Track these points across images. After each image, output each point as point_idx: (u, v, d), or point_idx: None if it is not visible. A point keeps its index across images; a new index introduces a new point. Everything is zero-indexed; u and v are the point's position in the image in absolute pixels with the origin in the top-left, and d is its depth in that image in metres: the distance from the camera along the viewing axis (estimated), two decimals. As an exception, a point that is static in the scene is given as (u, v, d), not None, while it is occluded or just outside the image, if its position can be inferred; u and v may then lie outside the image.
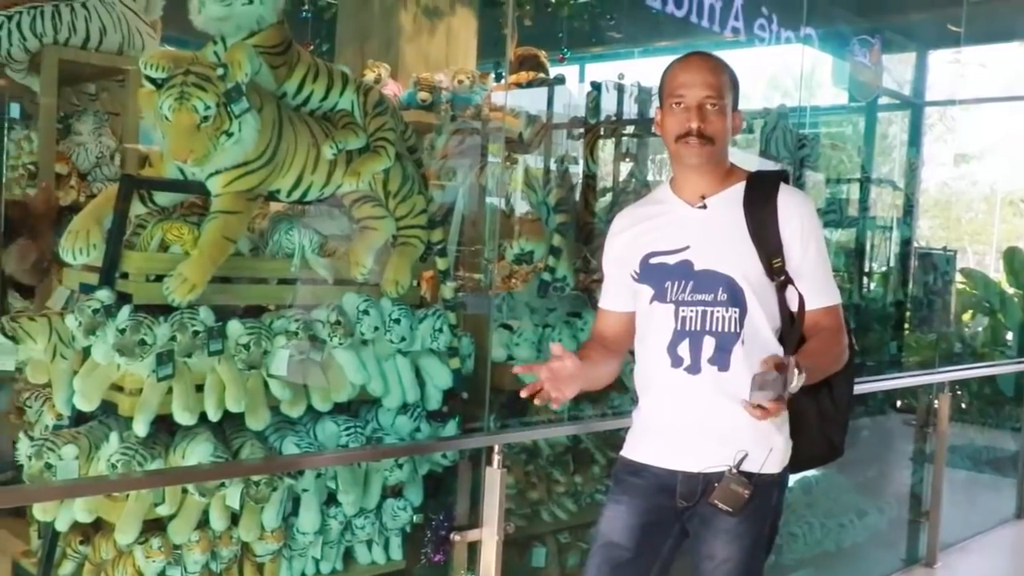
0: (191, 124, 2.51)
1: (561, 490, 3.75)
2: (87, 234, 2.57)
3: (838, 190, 5.80)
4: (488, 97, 5.06)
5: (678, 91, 2.29)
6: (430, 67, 5.43)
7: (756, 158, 4.92)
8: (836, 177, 5.89)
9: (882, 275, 6.11)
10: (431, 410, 3.14)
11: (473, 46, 5.79)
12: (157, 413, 2.55)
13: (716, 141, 2.29)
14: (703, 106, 2.27)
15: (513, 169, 4.07)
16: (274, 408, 2.77)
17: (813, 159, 5.03)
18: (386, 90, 5.10)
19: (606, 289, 2.53)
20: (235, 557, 2.78)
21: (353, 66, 5.15)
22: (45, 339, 2.59)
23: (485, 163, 3.76)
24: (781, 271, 2.31)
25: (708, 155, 2.30)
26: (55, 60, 3.84)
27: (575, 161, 4.09)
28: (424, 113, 4.94)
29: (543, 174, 4.06)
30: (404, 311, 2.97)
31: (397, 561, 3.16)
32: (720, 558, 2.33)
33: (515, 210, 3.75)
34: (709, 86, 2.28)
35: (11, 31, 3.81)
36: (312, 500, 2.86)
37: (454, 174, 3.78)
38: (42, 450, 2.51)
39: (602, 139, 4.26)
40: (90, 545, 2.74)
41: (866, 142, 7.00)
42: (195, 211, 2.80)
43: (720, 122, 2.29)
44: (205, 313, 2.60)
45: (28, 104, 4.24)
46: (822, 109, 7.75)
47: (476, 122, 4.31)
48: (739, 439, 2.29)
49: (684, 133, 2.27)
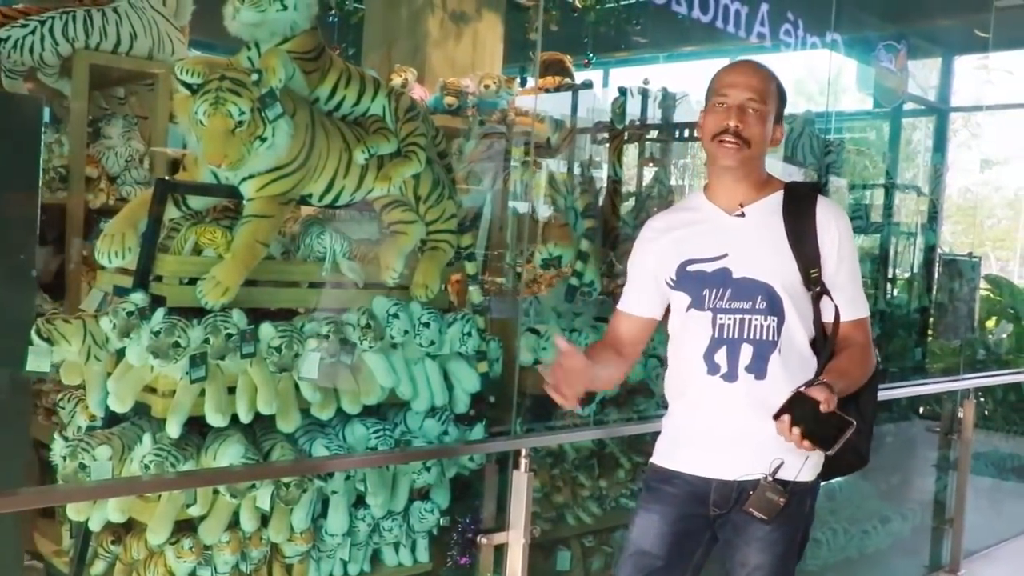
0: (226, 129, 2.54)
1: (586, 494, 3.75)
2: (122, 237, 2.59)
3: (863, 196, 5.78)
4: (514, 102, 5.09)
5: (722, 90, 2.29)
6: (456, 72, 5.46)
7: (780, 163, 4.92)
8: (861, 183, 5.88)
9: (906, 281, 6.09)
10: (459, 413, 3.15)
11: (499, 51, 5.81)
12: (189, 415, 2.58)
13: (752, 144, 2.28)
14: (744, 107, 2.27)
15: (540, 174, 4.09)
16: (304, 410, 2.78)
17: (839, 165, 5.02)
18: (413, 95, 5.13)
19: (628, 292, 2.53)
20: (265, 558, 2.80)
21: (380, 70, 5.18)
22: (79, 341, 2.61)
23: (513, 168, 3.78)
24: (818, 281, 2.31)
25: (743, 159, 2.29)
26: (86, 64, 3.89)
27: (601, 166, 4.11)
28: (450, 118, 4.97)
29: (570, 179, 4.07)
30: (433, 315, 2.99)
31: (424, 563, 3.17)
32: (753, 565, 2.34)
33: (542, 215, 3.76)
34: (752, 89, 2.28)
35: (44, 36, 3.86)
36: (341, 502, 2.87)
37: (482, 179, 3.80)
38: (76, 451, 2.54)
39: (628, 144, 4.27)
40: (122, 545, 2.77)
41: (891, 148, 6.99)
42: (228, 215, 2.83)
43: (759, 126, 2.29)
44: (238, 316, 2.62)
45: (59, 108, 4.29)
46: (847, 114, 7.73)
47: (503, 127, 4.33)
48: (775, 447, 2.29)
49: (721, 131, 2.27)
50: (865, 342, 2.36)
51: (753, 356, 2.29)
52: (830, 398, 2.07)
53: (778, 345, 2.29)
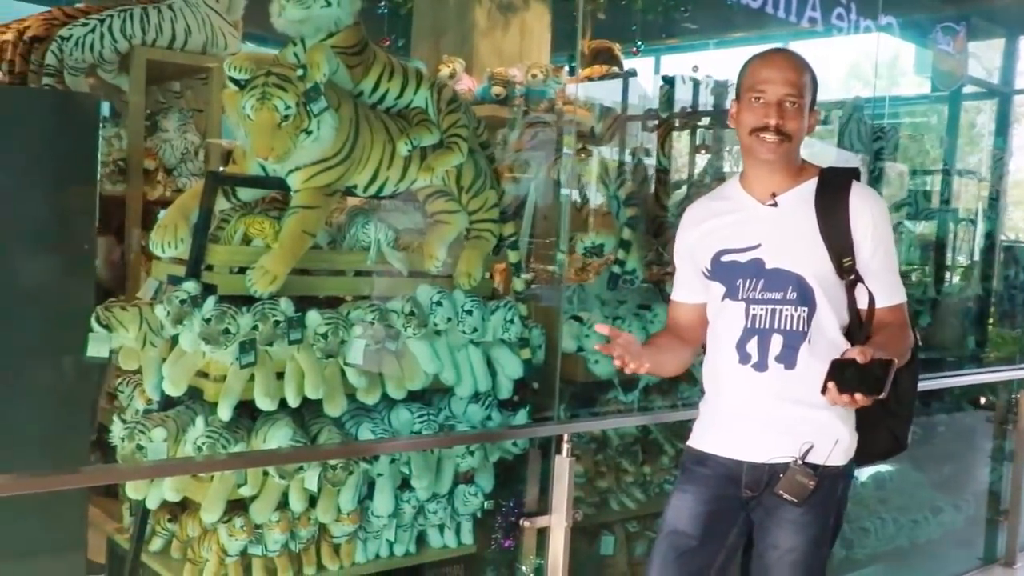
0: (272, 123, 2.62)
1: (630, 480, 3.79)
2: (175, 228, 2.69)
3: (916, 182, 5.71)
4: (562, 91, 5.12)
5: (759, 86, 2.29)
6: (504, 62, 5.49)
7: (834, 149, 4.89)
8: (914, 168, 5.80)
9: (965, 268, 6.00)
10: (502, 399, 3.21)
11: (547, 40, 5.83)
12: (240, 399, 2.66)
13: (792, 139, 2.30)
14: (783, 103, 2.27)
15: (584, 163, 4.12)
16: (351, 396, 2.86)
17: (889, 151, 4.96)
18: (461, 85, 5.19)
19: (677, 281, 2.57)
20: (313, 538, 2.89)
21: (428, 61, 5.25)
22: (136, 328, 2.72)
23: (557, 157, 3.82)
24: (851, 270, 2.31)
25: (783, 152, 2.30)
26: (143, 60, 4.02)
27: (647, 154, 4.13)
28: (498, 108, 5.00)
29: (615, 167, 4.10)
30: (476, 303, 3.05)
31: (468, 545, 3.24)
32: (785, 548, 2.36)
33: (586, 204, 3.79)
34: (791, 84, 2.28)
35: (103, 34, 4.00)
36: (386, 484, 2.95)
37: (527, 168, 3.84)
38: (134, 432, 2.65)
39: (676, 131, 4.28)
40: (178, 523, 2.88)
41: (949, 132, 6.86)
42: (276, 206, 2.91)
43: (798, 120, 2.30)
44: (285, 304, 2.70)
45: (118, 103, 4.43)
46: (903, 99, 7.61)
47: (549, 116, 4.37)
48: (804, 432, 2.32)
49: (761, 127, 2.28)
50: (901, 324, 2.36)
51: (783, 346, 2.32)
52: (864, 351, 2.06)
53: (808, 336, 2.31)
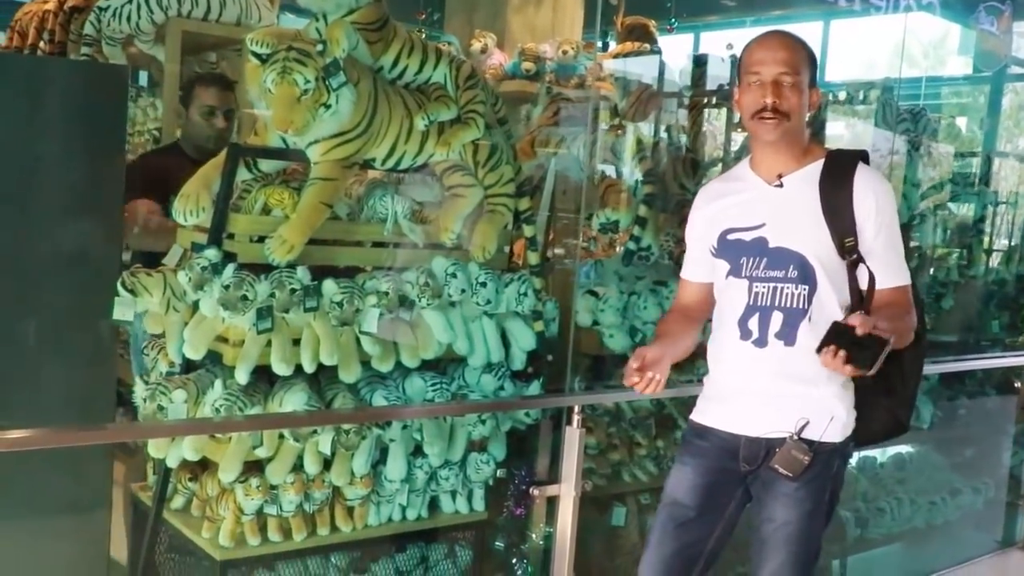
0: (292, 97, 2.69)
1: (643, 453, 3.86)
2: (197, 198, 2.78)
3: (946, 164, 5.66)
4: (595, 67, 5.15)
5: (754, 68, 2.34)
6: (536, 37, 5.54)
7: (872, 128, 4.87)
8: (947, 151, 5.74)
9: (1002, 252, 5.96)
10: (515, 370, 3.27)
11: (579, 16, 5.86)
12: (257, 363, 2.74)
13: (791, 117, 2.34)
14: (779, 82, 2.31)
15: (620, 138, 4.15)
16: (365, 363, 2.93)
17: (918, 132, 4.94)
18: (492, 60, 5.25)
19: (687, 260, 2.64)
20: (327, 500, 2.97)
21: (461, 36, 5.31)
22: (160, 293, 2.80)
23: (579, 133, 3.87)
24: (853, 250, 2.35)
25: (783, 131, 2.35)
26: (179, 31, 4.10)
27: (670, 133, 4.16)
28: (527, 83, 5.07)
29: (635, 145, 4.14)
30: (490, 275, 3.11)
31: (480, 512, 3.31)
32: (780, 521, 2.42)
33: (604, 180, 3.84)
34: (784, 62, 2.32)
35: (140, 5, 4.08)
36: (399, 450, 3.03)
37: (548, 144, 3.90)
38: (155, 393, 2.76)
39: (707, 109, 4.30)
40: (197, 482, 2.99)
41: (990, 114, 6.80)
42: (296, 177, 2.99)
43: (795, 98, 2.34)
44: (302, 272, 2.79)
45: (156, 72, 4.53)
46: (943, 79, 7.52)
47: (573, 92, 4.41)
48: (801, 408, 2.38)
49: (759, 109, 2.33)
50: (904, 304, 2.39)
51: (783, 323, 2.37)
52: (865, 321, 2.11)
53: (808, 313, 2.36)
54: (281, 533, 2.91)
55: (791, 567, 2.42)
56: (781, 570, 2.42)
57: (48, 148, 2.74)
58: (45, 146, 2.73)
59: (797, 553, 2.42)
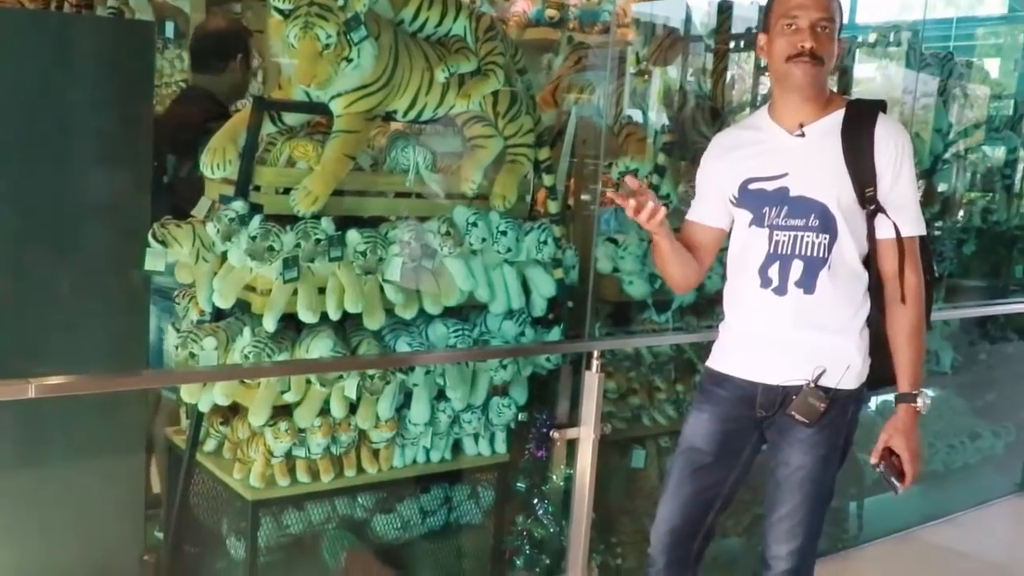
0: (314, 51, 2.74)
1: (662, 397, 3.93)
2: (223, 151, 2.85)
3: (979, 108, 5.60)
4: (619, 12, 5.13)
5: (792, 12, 2.37)
6: (561, -17, 5.50)
7: (903, 70, 4.84)
8: (983, 93, 5.69)
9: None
10: (537, 317, 3.33)
11: (603, -40, 5.80)
12: (284, 311, 2.83)
13: (825, 62, 2.38)
14: (816, 27, 2.36)
15: (632, 84, 4.17)
16: (389, 310, 3.01)
17: (943, 77, 4.89)
18: (516, 7, 5.23)
19: (696, 203, 2.68)
20: (353, 443, 3.07)
21: (484, -17, 5.28)
22: (189, 244, 2.89)
23: (601, 81, 3.88)
24: (873, 199, 2.40)
25: (815, 75, 2.38)
26: (203, -18, 4.14)
27: (692, 80, 4.17)
28: (552, 31, 5.04)
29: (662, 91, 4.15)
30: (511, 224, 3.17)
31: (502, 454, 3.41)
32: (795, 465, 2.50)
33: (624, 128, 3.86)
34: (823, 8, 2.37)
35: (165, -44, 4.12)
36: (422, 394, 3.13)
37: (571, 91, 3.92)
38: (187, 341, 2.86)
39: (734, 54, 4.30)
40: (228, 426, 3.10)
41: (1024, 56, 6.69)
42: (319, 130, 3.05)
43: (830, 45, 2.39)
44: (326, 223, 2.85)
45: (181, 23, 4.58)
46: (978, 19, 7.39)
47: (595, 37, 4.40)
48: (818, 356, 2.45)
49: (797, 53, 2.36)
50: (912, 267, 2.44)
51: (803, 272, 2.43)
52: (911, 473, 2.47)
53: (828, 262, 2.41)
54: (309, 474, 3.02)
55: (805, 509, 2.50)
56: (795, 512, 2.50)
57: (79, 104, 2.80)
58: (76, 102, 2.80)
59: (811, 495, 2.50)
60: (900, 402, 2.45)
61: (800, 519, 2.49)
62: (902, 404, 2.45)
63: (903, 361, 2.45)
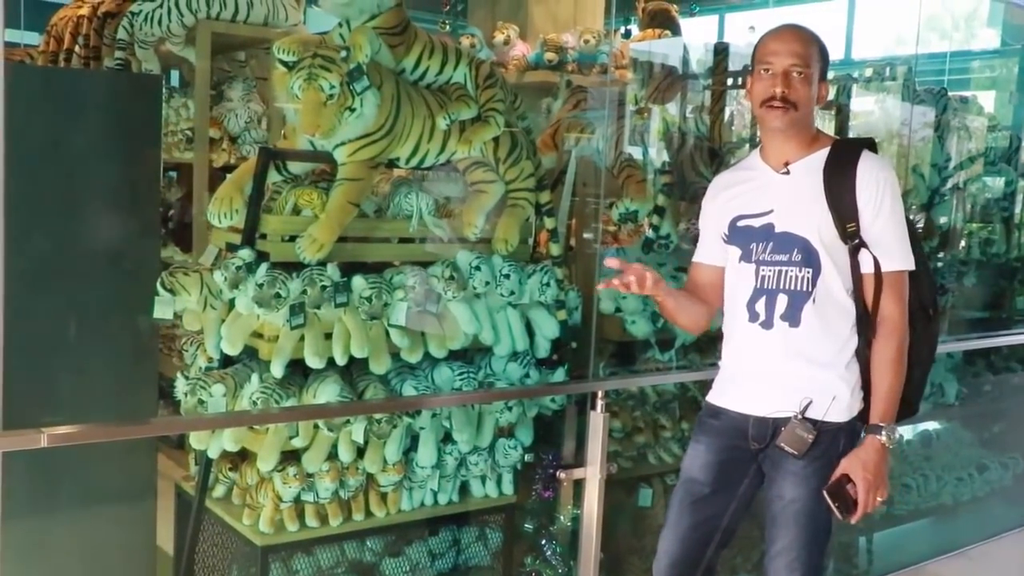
0: (318, 102, 2.80)
1: (668, 435, 3.94)
2: (230, 200, 2.90)
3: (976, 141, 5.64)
4: (617, 54, 5.21)
5: (767, 58, 2.45)
6: (558, 27, 5.61)
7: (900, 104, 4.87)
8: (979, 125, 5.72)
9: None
10: (540, 358, 3.36)
11: (600, 4, 5.91)
12: (291, 357, 2.86)
13: (799, 107, 2.44)
14: (789, 73, 2.42)
15: (646, 122, 4.21)
16: (395, 354, 3.04)
17: (938, 112, 4.94)
18: (515, 51, 5.33)
19: (700, 244, 2.74)
20: (361, 486, 3.09)
21: (484, 27, 5.39)
22: (197, 292, 2.93)
23: (600, 122, 3.94)
24: (855, 235, 2.45)
25: (791, 120, 2.44)
26: (208, 33, 4.23)
27: (690, 120, 4.22)
28: (551, 73, 5.15)
29: (661, 129, 4.20)
30: (513, 267, 3.21)
31: (509, 495, 3.41)
32: (788, 498, 2.52)
33: (623, 169, 3.90)
34: (796, 55, 2.43)
35: (171, 9, 4.22)
36: (429, 437, 3.14)
37: (569, 135, 3.98)
38: (195, 388, 2.88)
39: (730, 91, 4.35)
40: (237, 472, 3.12)
41: (1020, 88, 6.76)
42: (324, 178, 3.10)
43: (804, 90, 2.44)
44: (332, 269, 2.90)
45: (187, 72, 4.67)
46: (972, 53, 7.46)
47: (594, 78, 4.47)
48: (804, 388, 2.49)
49: (769, 98, 2.43)
50: (896, 297, 2.47)
51: (788, 305, 2.48)
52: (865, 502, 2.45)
53: (812, 295, 2.46)
54: (318, 519, 3.04)
55: (801, 542, 2.51)
56: (792, 546, 2.51)
57: (88, 154, 2.87)
58: (86, 153, 2.87)
59: (807, 528, 2.51)
60: (867, 433, 2.48)
61: (798, 553, 2.51)
62: (868, 436, 2.47)
63: (875, 393, 2.48)
